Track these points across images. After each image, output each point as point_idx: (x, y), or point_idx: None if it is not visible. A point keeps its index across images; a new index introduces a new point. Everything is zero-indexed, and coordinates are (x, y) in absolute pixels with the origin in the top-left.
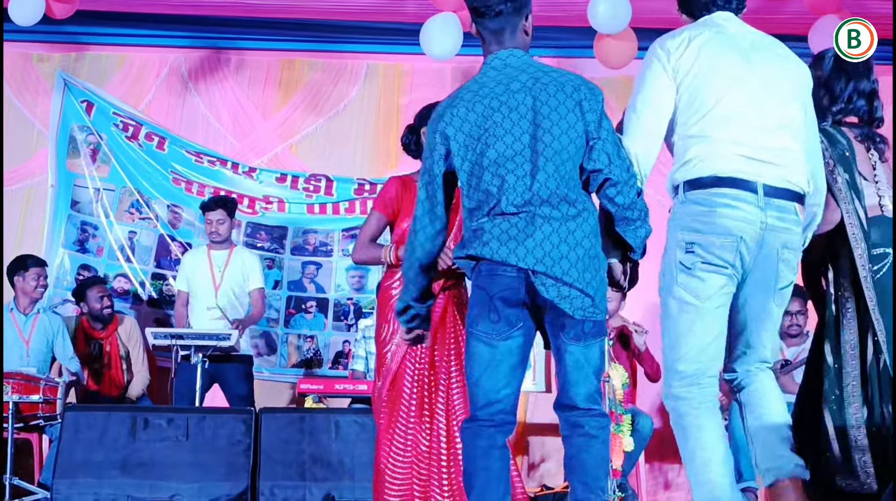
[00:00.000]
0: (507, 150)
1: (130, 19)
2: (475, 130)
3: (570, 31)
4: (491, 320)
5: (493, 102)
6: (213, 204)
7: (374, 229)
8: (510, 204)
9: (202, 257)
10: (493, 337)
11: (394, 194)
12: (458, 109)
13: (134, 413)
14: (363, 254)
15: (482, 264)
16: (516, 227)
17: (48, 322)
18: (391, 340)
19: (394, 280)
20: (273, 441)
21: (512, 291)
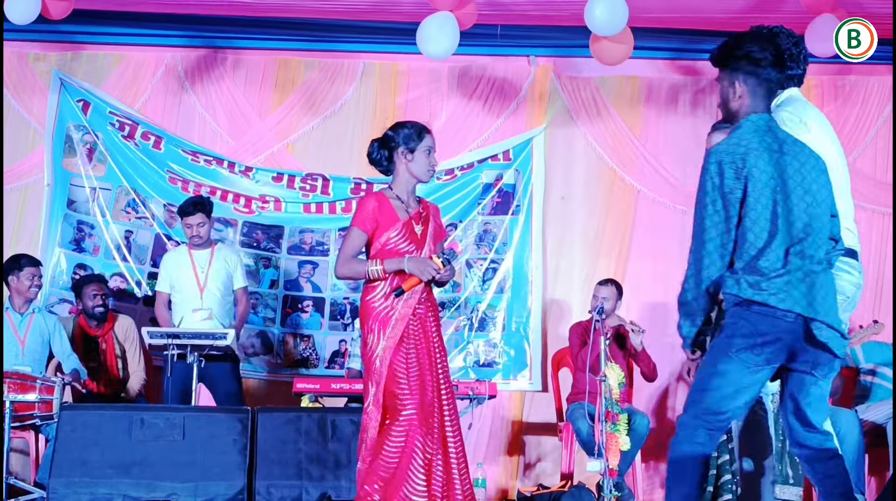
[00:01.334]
0: (792, 204)
1: (126, 18)
2: (766, 177)
3: (566, 30)
4: (754, 353)
5: (774, 159)
6: (191, 208)
7: (356, 245)
8: (794, 254)
9: (184, 257)
10: (750, 366)
11: (372, 210)
12: (749, 156)
13: (130, 413)
14: (346, 270)
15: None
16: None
17: (43, 322)
18: (376, 348)
19: (376, 294)
20: (269, 441)
21: (788, 333)
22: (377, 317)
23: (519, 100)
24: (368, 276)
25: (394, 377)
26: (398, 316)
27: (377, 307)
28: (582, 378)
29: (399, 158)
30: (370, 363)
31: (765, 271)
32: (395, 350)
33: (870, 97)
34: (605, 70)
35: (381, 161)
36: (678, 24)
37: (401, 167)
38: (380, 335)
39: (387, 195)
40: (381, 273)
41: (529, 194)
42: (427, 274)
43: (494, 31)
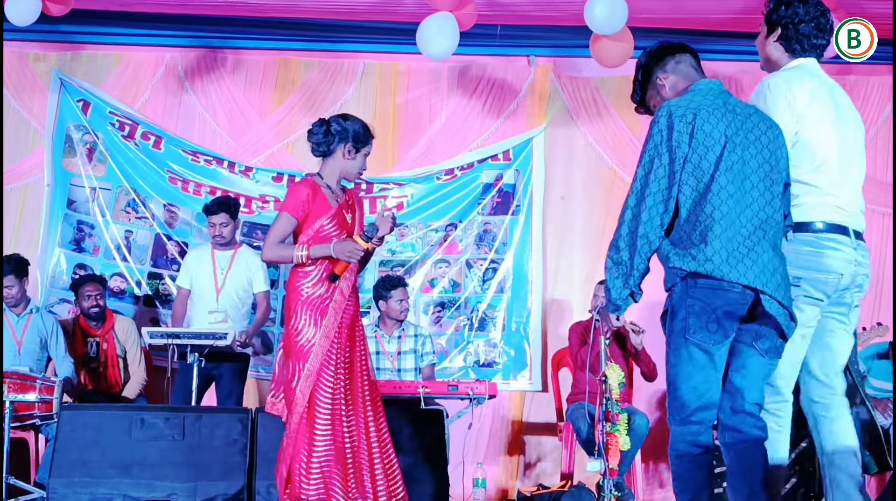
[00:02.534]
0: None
1: (126, 18)
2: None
3: (566, 30)
4: (710, 330)
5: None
6: (215, 207)
7: (285, 230)
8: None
9: (206, 256)
10: (709, 345)
11: (304, 197)
12: (702, 112)
13: (130, 413)
14: (274, 254)
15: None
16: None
17: (41, 322)
18: (311, 337)
19: (307, 280)
20: (269, 441)
21: (737, 305)
22: (310, 304)
23: (519, 100)
24: (294, 261)
25: (326, 367)
26: (334, 305)
27: (310, 294)
28: (582, 378)
29: (342, 150)
30: (300, 349)
31: (709, 241)
32: (330, 340)
33: (870, 97)
34: (605, 70)
35: (323, 146)
36: (678, 24)
37: (338, 160)
38: (314, 322)
39: (318, 184)
40: (304, 259)
41: (529, 193)
42: (354, 256)
43: (494, 31)
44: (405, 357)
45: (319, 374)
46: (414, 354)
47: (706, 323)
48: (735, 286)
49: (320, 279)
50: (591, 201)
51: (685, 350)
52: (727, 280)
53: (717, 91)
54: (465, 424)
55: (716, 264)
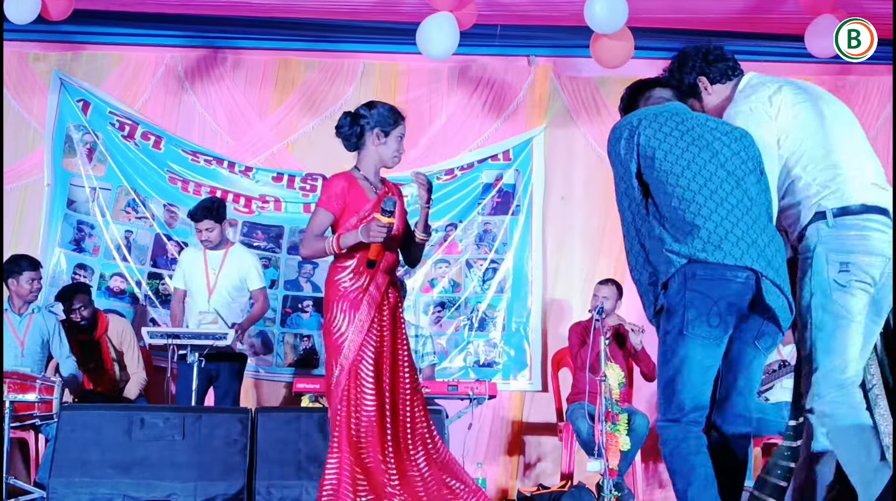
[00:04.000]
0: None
1: (126, 18)
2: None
3: (566, 30)
4: (711, 324)
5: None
6: (199, 215)
7: (321, 224)
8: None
9: (199, 256)
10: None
11: (340, 191)
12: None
13: (130, 413)
14: (309, 249)
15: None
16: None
17: (43, 322)
18: (346, 330)
19: (344, 274)
20: (269, 441)
21: (738, 296)
22: (346, 297)
23: (519, 100)
24: (326, 252)
25: (361, 361)
26: (368, 299)
27: (347, 288)
28: (582, 378)
29: (371, 138)
30: (333, 344)
31: (704, 229)
32: (365, 334)
33: (870, 97)
34: (605, 70)
35: (352, 138)
36: (678, 24)
37: (371, 148)
38: (347, 316)
39: (355, 176)
40: (335, 249)
41: (529, 194)
42: (379, 234)
43: (494, 31)
44: None
45: (358, 370)
46: (414, 354)
47: (707, 316)
48: (738, 276)
49: (356, 272)
50: (591, 201)
51: (683, 349)
52: (727, 264)
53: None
54: (466, 424)
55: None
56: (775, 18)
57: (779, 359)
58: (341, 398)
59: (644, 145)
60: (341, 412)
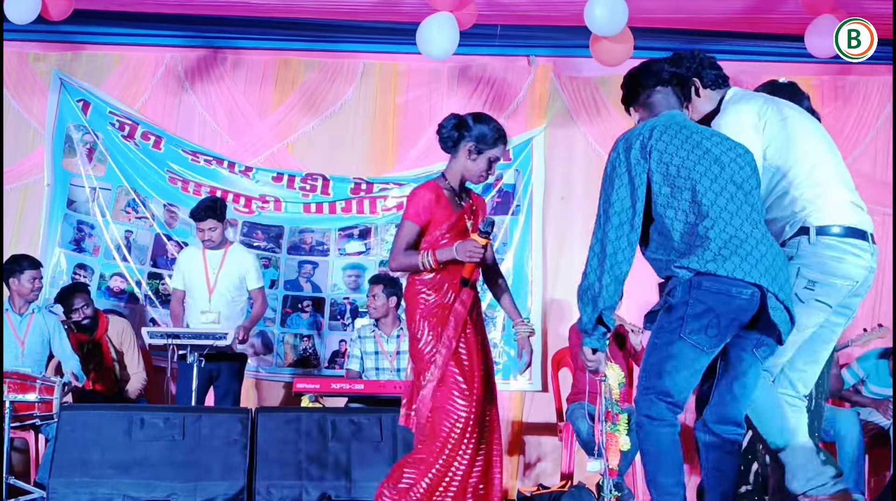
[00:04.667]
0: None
1: (126, 18)
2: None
3: (566, 30)
4: (708, 334)
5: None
6: (202, 214)
7: (409, 237)
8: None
9: (197, 256)
10: (704, 348)
11: (427, 203)
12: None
13: (130, 413)
14: (400, 264)
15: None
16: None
17: (44, 322)
18: (435, 345)
19: (424, 288)
20: (269, 441)
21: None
22: (430, 312)
23: (519, 100)
24: (421, 268)
25: (452, 377)
26: (455, 315)
27: (428, 302)
28: (582, 378)
29: (464, 149)
30: (423, 359)
31: (715, 242)
32: (451, 351)
33: (870, 97)
34: (605, 70)
35: (448, 141)
36: (678, 24)
37: (461, 159)
38: (434, 332)
39: (441, 187)
40: (432, 264)
41: (529, 194)
42: (476, 255)
43: (494, 31)
44: (404, 356)
45: (449, 390)
46: None
47: (706, 327)
48: (743, 292)
49: (437, 286)
50: (591, 201)
51: (676, 346)
52: (735, 278)
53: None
54: None
55: (719, 262)
56: (775, 18)
57: None
58: (433, 409)
59: (656, 158)
60: (434, 425)
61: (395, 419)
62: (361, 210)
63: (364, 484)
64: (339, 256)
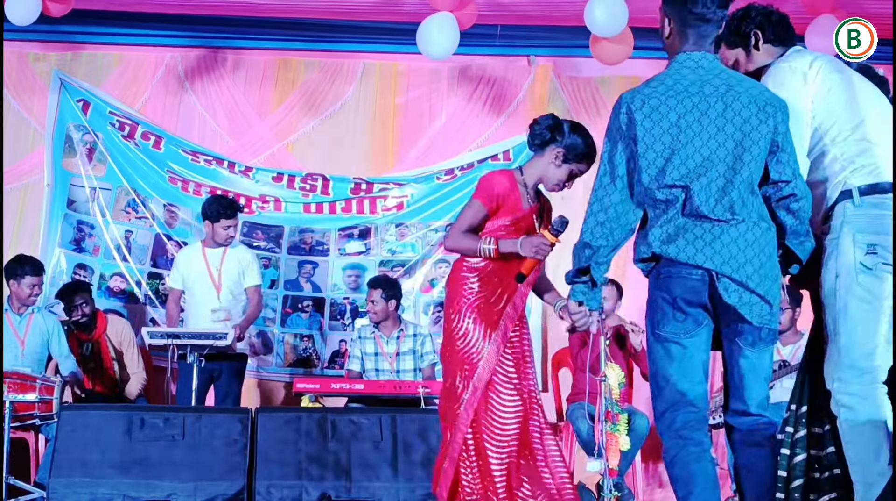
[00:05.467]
0: (702, 152)
1: (127, 18)
2: (666, 124)
3: (566, 30)
4: (677, 319)
5: (687, 102)
6: (232, 211)
7: (475, 219)
8: (701, 206)
9: (197, 255)
10: (681, 336)
11: (502, 191)
12: (650, 99)
13: (130, 413)
14: (458, 243)
15: (662, 266)
16: (704, 229)
17: (43, 322)
18: (477, 343)
19: (472, 277)
20: (269, 441)
21: (695, 293)
22: (477, 308)
23: (519, 100)
24: (479, 254)
25: (503, 385)
26: (506, 318)
27: (476, 295)
28: (582, 378)
29: (552, 152)
30: (465, 357)
31: (663, 223)
32: (499, 353)
33: None
34: (605, 70)
35: (538, 139)
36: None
37: (545, 161)
38: (482, 332)
39: (517, 179)
40: (492, 253)
41: None
42: (543, 252)
43: (494, 31)
44: (404, 358)
45: (491, 391)
46: (413, 354)
47: (672, 314)
48: (693, 273)
49: (486, 278)
50: None
51: (659, 346)
52: (679, 261)
53: (691, 67)
54: None
55: (661, 241)
56: None
57: (779, 359)
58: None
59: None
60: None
61: (395, 419)
62: (361, 210)
63: (364, 484)
64: (339, 256)
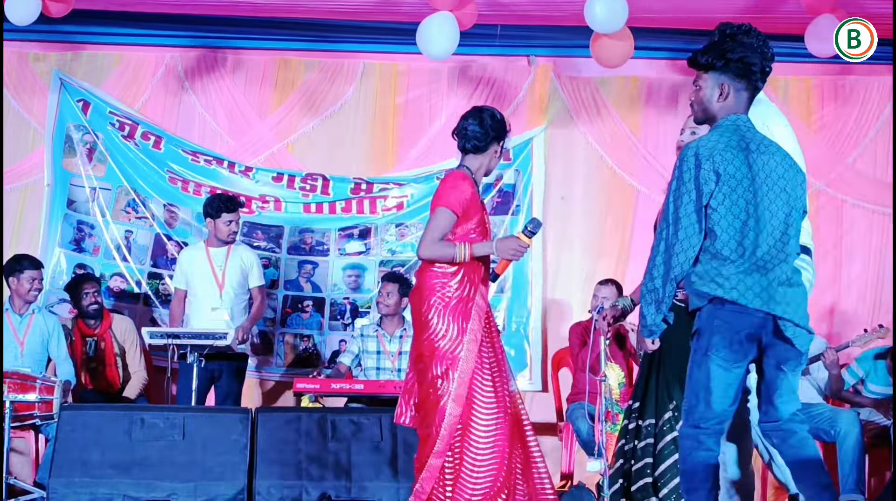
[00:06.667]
0: (770, 209)
1: (127, 18)
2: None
3: (566, 30)
4: (733, 350)
5: (750, 158)
6: (234, 205)
7: (447, 227)
8: (763, 253)
9: (200, 255)
10: (731, 364)
11: (469, 195)
12: (727, 153)
13: (130, 413)
14: (434, 251)
15: (727, 302)
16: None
17: (43, 322)
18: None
19: (451, 281)
20: (269, 441)
21: (756, 330)
22: (453, 307)
23: (519, 100)
24: (455, 259)
25: (480, 373)
26: (477, 309)
27: (451, 297)
28: (582, 378)
29: (495, 148)
30: (446, 355)
31: (734, 270)
32: (480, 345)
33: (870, 97)
34: (605, 70)
35: (481, 142)
36: (678, 24)
37: (487, 158)
38: (459, 327)
39: (475, 181)
40: (468, 257)
41: (529, 194)
42: (519, 254)
43: (494, 31)
44: (406, 357)
45: (473, 383)
46: None
47: (729, 344)
48: (758, 313)
49: (462, 282)
50: (591, 201)
51: (706, 367)
52: (751, 307)
53: (733, 128)
54: None
55: (741, 291)
56: (775, 18)
57: None
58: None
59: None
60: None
61: None
62: (361, 210)
63: (364, 484)
64: (339, 256)
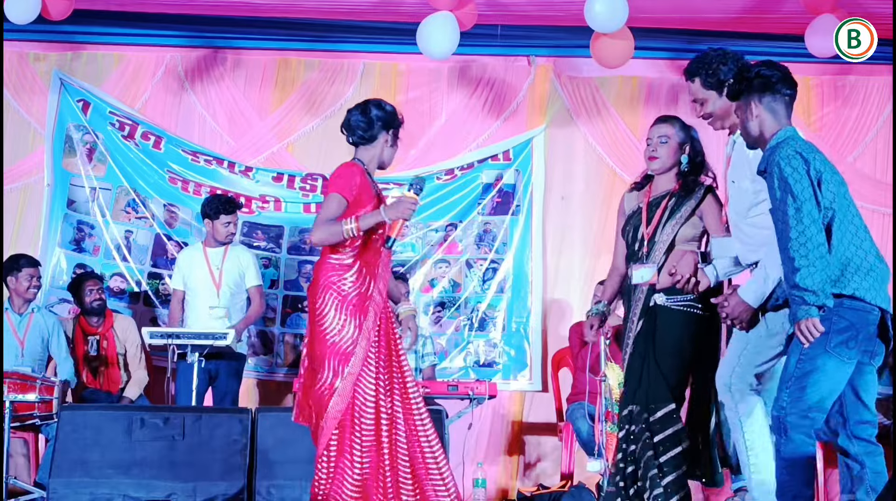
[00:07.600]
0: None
1: (127, 18)
2: None
3: (566, 30)
4: (862, 347)
5: None
6: (231, 207)
7: (338, 211)
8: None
9: (198, 255)
10: (853, 358)
11: (359, 182)
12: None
13: (130, 413)
14: (322, 233)
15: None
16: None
17: (43, 321)
18: (354, 337)
19: (348, 274)
20: (269, 441)
21: (876, 327)
22: (349, 302)
23: (519, 100)
24: (345, 236)
25: (366, 369)
26: (374, 305)
27: (348, 291)
28: (582, 378)
29: (384, 138)
30: (339, 350)
31: (854, 268)
32: (370, 342)
33: (870, 97)
34: (605, 70)
35: (367, 133)
36: (678, 24)
37: (378, 149)
38: (355, 323)
39: (365, 169)
40: (356, 231)
41: (529, 194)
42: (410, 211)
43: (494, 31)
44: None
45: (359, 380)
46: (414, 354)
47: (847, 340)
48: (875, 310)
49: (359, 275)
50: (591, 200)
51: (821, 360)
52: (870, 303)
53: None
54: (465, 424)
55: (865, 288)
56: (775, 18)
57: None
58: (347, 406)
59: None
60: (346, 420)
61: None
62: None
63: None
64: None
